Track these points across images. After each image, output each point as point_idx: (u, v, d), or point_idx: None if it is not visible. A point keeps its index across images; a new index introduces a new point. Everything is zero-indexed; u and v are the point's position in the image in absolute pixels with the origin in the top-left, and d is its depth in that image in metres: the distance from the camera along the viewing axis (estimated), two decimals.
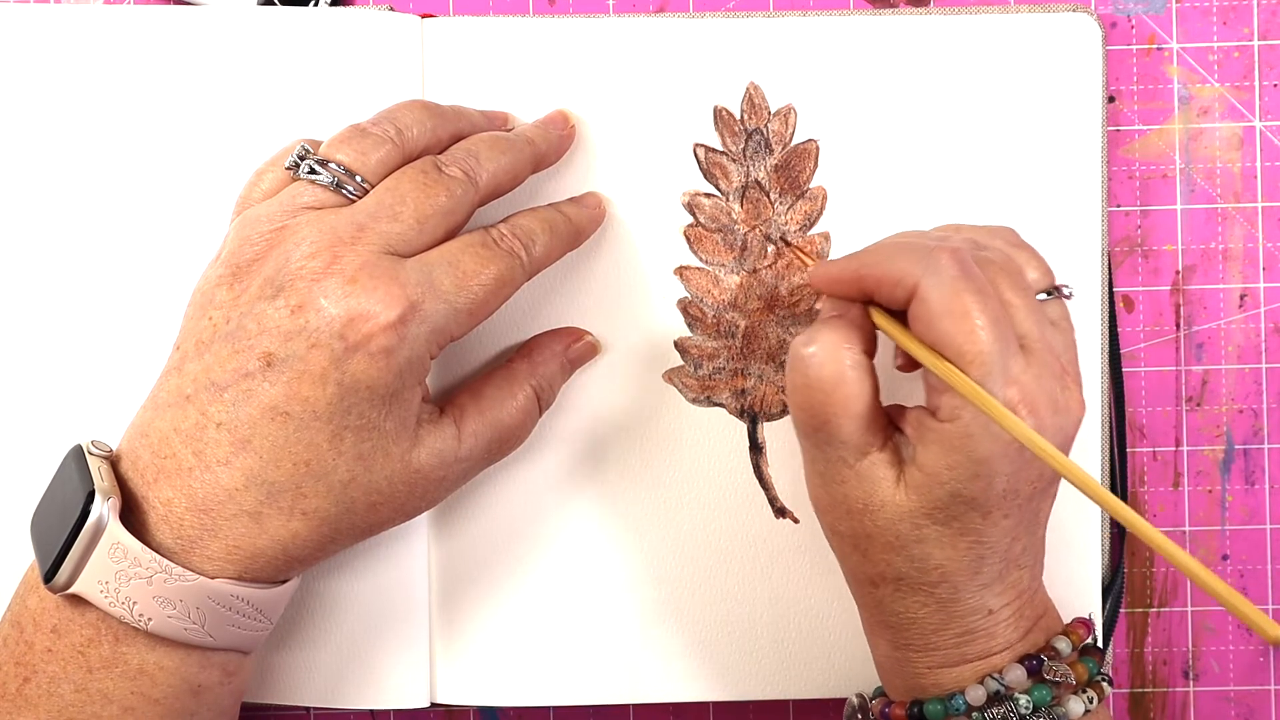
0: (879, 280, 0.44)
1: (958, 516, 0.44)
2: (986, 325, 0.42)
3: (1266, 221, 0.55)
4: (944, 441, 0.43)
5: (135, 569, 0.43)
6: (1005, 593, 0.45)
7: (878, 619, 0.47)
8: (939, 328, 0.42)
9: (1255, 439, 0.55)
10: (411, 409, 0.45)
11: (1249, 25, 0.55)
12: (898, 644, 0.46)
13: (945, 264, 0.43)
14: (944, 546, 0.44)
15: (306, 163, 0.46)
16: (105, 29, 0.53)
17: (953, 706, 0.45)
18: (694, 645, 0.54)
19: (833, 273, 0.46)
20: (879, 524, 0.45)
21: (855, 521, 0.45)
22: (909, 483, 0.44)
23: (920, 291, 0.43)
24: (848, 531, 0.46)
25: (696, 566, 0.54)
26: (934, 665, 0.46)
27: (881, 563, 0.45)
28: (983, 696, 0.45)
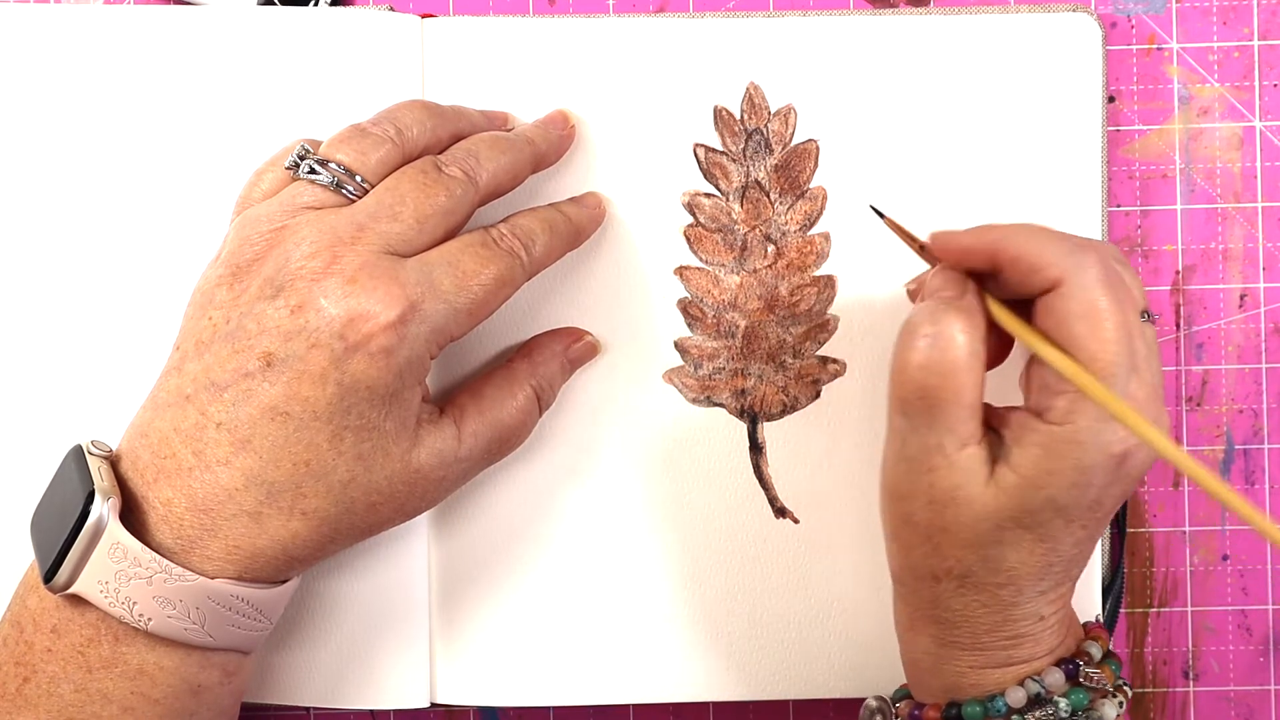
0: (1016, 260, 0.43)
1: (1044, 523, 0.43)
2: (1121, 338, 0.42)
3: (1266, 221, 0.55)
4: (1049, 446, 0.42)
5: (135, 569, 0.43)
6: (1056, 601, 0.45)
7: (928, 614, 0.46)
8: (1074, 328, 0.42)
9: (1255, 439, 0.55)
10: (411, 409, 0.45)
11: (1249, 25, 0.55)
12: (944, 641, 0.46)
13: (1093, 264, 0.42)
14: (1020, 550, 0.44)
15: (306, 162, 0.46)
16: (105, 29, 0.53)
17: (993, 709, 0.44)
18: (694, 645, 0.54)
19: (963, 242, 0.45)
20: (961, 519, 0.43)
21: (935, 513, 0.44)
22: (1000, 484, 0.43)
23: (1064, 286, 0.42)
24: (923, 522, 0.44)
25: (696, 566, 0.54)
26: (978, 666, 0.45)
27: (952, 558, 0.44)
28: (1023, 699, 0.44)
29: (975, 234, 0.45)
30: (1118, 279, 0.43)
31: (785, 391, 0.54)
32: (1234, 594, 0.56)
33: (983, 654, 0.45)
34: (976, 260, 0.45)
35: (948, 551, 0.44)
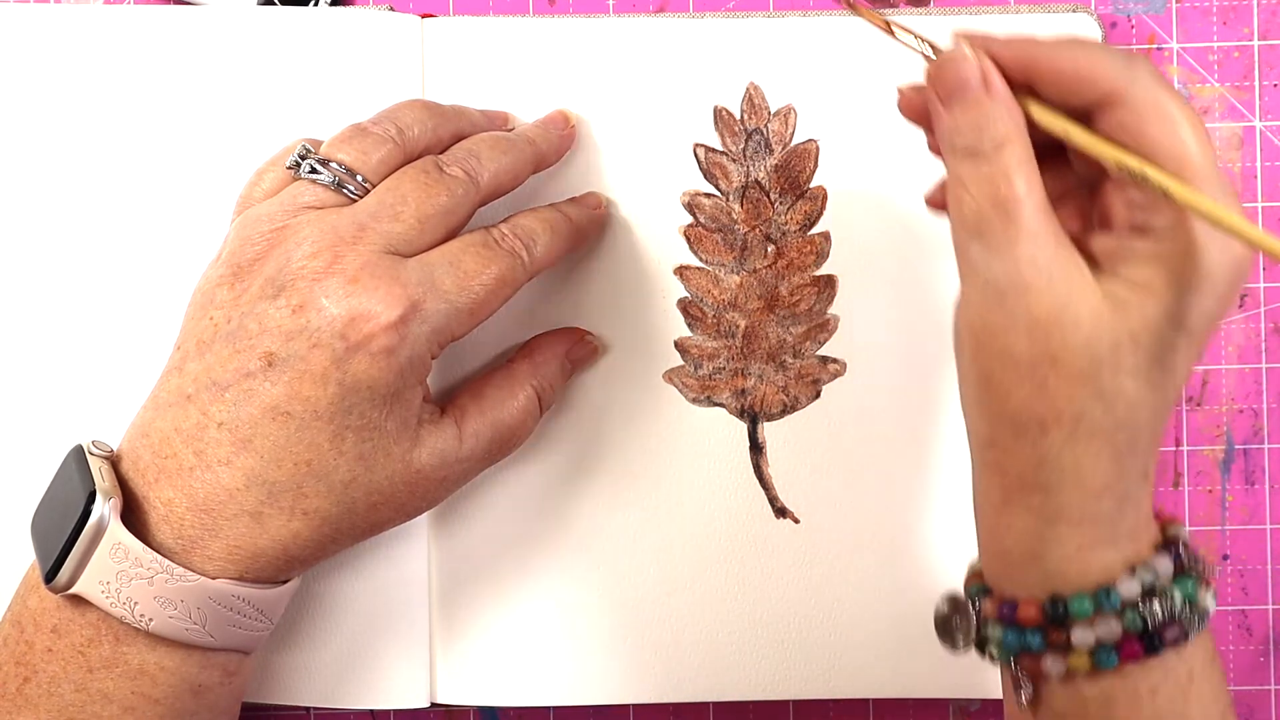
0: (1060, 71, 0.39)
1: (1161, 341, 0.38)
2: (1202, 135, 0.38)
3: (1266, 221, 0.55)
4: (1162, 257, 0.38)
5: (136, 569, 0.43)
6: (1152, 460, 0.40)
7: (1030, 480, 0.40)
8: (1149, 133, 0.38)
9: (1255, 439, 0.55)
10: (412, 409, 0.45)
11: (1249, 25, 0.55)
12: (1047, 514, 0.40)
13: (1148, 69, 0.38)
14: (1139, 379, 0.38)
15: (307, 162, 0.46)
16: (105, 29, 0.53)
17: (1107, 603, 0.39)
18: (694, 645, 0.54)
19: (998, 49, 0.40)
20: (1071, 344, 0.38)
21: (1040, 339, 0.38)
22: (1116, 299, 0.38)
23: (1126, 95, 0.38)
24: (1026, 354, 0.38)
25: (696, 566, 0.54)
26: (1084, 545, 0.39)
27: (1063, 398, 0.38)
28: (1137, 591, 0.39)
29: (1007, 44, 0.40)
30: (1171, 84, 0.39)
31: (785, 391, 0.54)
32: (1234, 594, 0.56)
33: (1091, 528, 0.39)
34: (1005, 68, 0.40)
35: (1058, 389, 0.38)
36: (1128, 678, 0.40)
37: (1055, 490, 0.39)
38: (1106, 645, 0.39)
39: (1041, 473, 0.39)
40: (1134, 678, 0.40)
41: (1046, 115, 0.40)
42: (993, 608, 0.41)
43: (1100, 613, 0.39)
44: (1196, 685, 0.40)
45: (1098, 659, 0.39)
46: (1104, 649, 0.39)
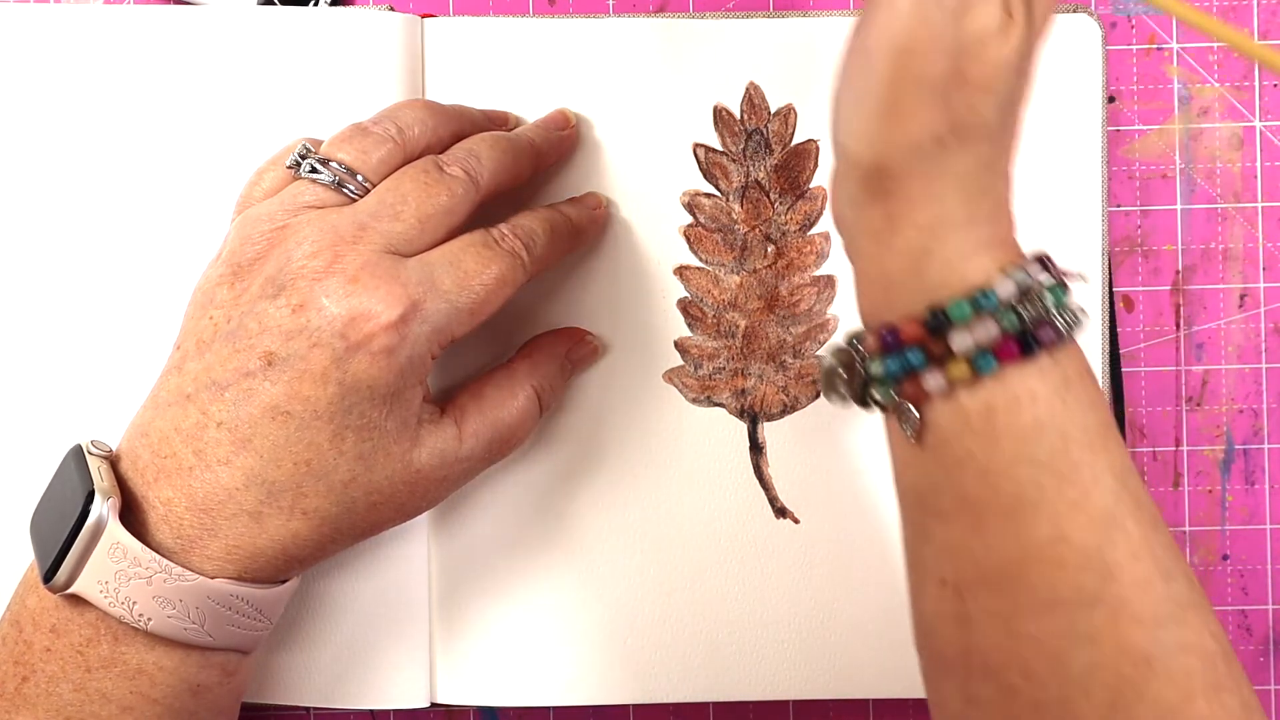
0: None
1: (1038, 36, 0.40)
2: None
3: (1266, 221, 0.55)
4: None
5: (135, 569, 0.43)
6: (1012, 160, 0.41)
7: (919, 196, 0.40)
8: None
9: (1255, 439, 0.55)
10: (412, 409, 0.45)
11: (1249, 25, 0.55)
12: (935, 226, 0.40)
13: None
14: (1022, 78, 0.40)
15: (308, 161, 0.46)
16: (105, 29, 0.53)
17: (982, 304, 0.39)
18: (694, 645, 0.54)
19: None
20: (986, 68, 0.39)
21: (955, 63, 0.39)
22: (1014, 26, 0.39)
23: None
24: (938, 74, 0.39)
25: (696, 566, 0.54)
26: (966, 251, 0.40)
27: (963, 106, 0.39)
28: (1013, 290, 0.39)
29: None
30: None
31: (785, 391, 0.54)
32: (1234, 594, 0.56)
33: (973, 231, 0.40)
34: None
35: (959, 101, 0.39)
36: (1006, 383, 0.39)
37: (944, 200, 0.40)
38: (985, 349, 0.39)
39: (934, 185, 0.40)
40: (1012, 383, 0.39)
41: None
42: (875, 341, 0.41)
43: (978, 315, 0.39)
44: (1074, 390, 0.40)
45: (977, 364, 0.39)
46: (982, 354, 0.39)
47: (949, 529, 0.40)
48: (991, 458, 0.39)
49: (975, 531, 0.40)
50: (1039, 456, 0.39)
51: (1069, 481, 0.39)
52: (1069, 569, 0.39)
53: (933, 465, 0.41)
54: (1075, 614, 0.39)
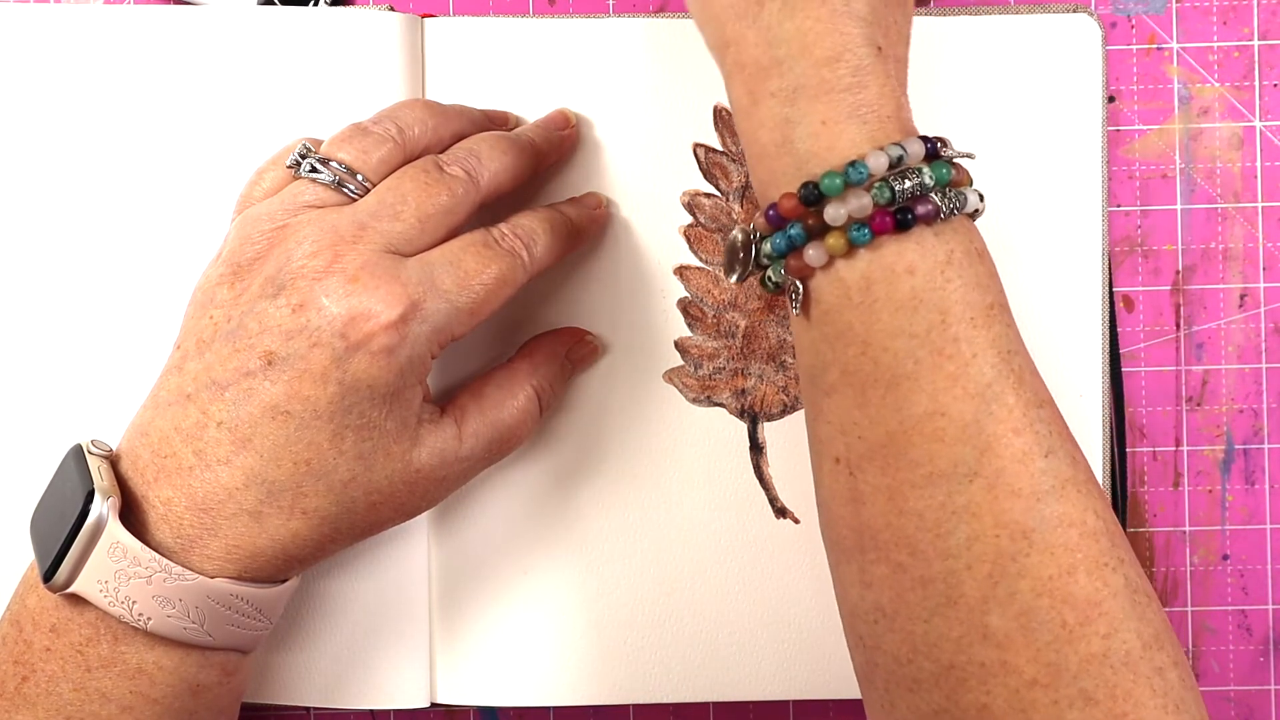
0: None
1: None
2: None
3: (1266, 221, 0.55)
4: None
5: (135, 568, 0.43)
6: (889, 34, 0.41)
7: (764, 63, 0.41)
8: None
9: (1255, 439, 0.55)
10: (412, 408, 0.45)
11: (1249, 25, 0.55)
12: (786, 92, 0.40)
13: None
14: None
15: (308, 161, 0.46)
16: (105, 29, 0.53)
17: (853, 175, 0.39)
18: (694, 645, 0.54)
19: None
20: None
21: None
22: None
23: None
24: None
25: (696, 567, 0.54)
26: (829, 119, 0.40)
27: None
28: (885, 164, 0.39)
29: None
30: None
31: (785, 391, 0.54)
32: (1234, 594, 0.56)
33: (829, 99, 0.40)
34: None
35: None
36: (882, 256, 0.40)
37: (787, 65, 0.40)
38: (859, 221, 0.40)
39: (772, 50, 0.41)
40: (888, 256, 0.40)
41: None
42: (763, 220, 0.42)
43: (850, 187, 0.39)
44: (957, 268, 0.40)
45: (852, 235, 0.40)
46: (856, 226, 0.40)
47: (837, 404, 0.41)
48: (870, 330, 0.40)
49: (859, 405, 0.40)
50: (916, 329, 0.39)
51: (946, 355, 0.39)
52: (946, 442, 0.39)
53: (819, 340, 0.41)
54: (953, 487, 0.39)
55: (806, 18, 0.40)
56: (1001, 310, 0.41)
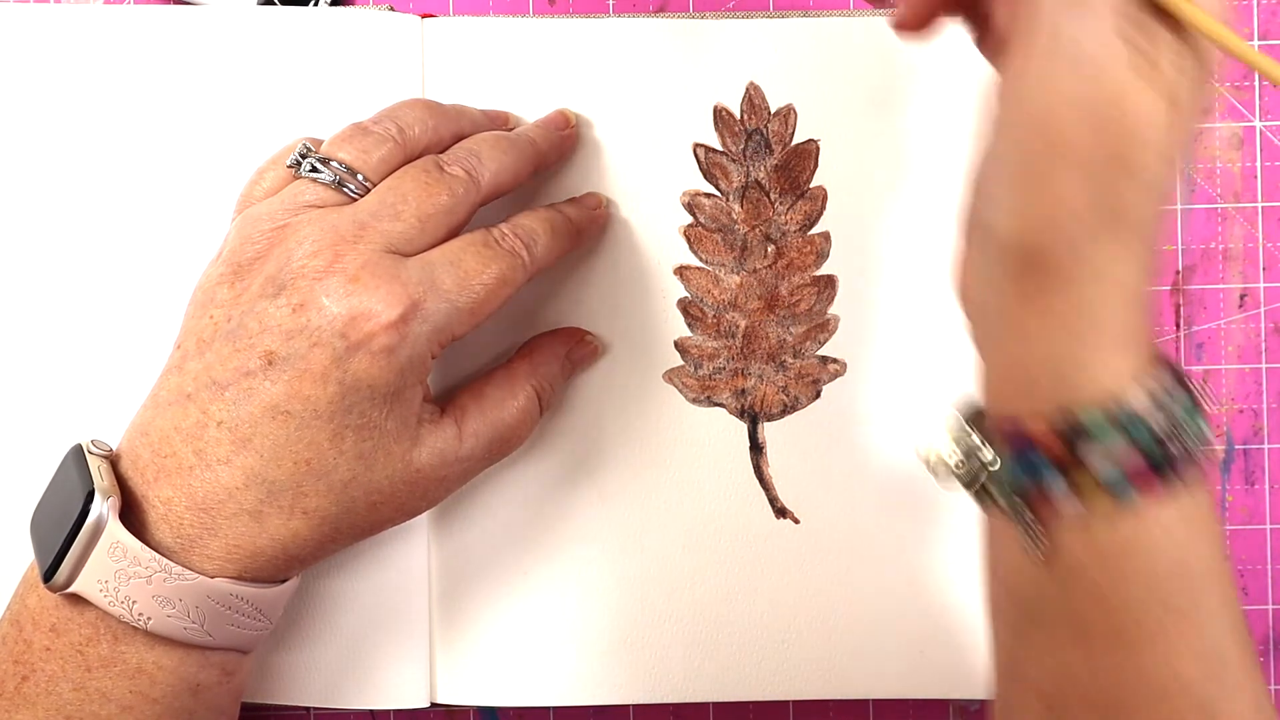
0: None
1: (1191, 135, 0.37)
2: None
3: (1266, 221, 0.55)
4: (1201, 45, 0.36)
5: (135, 568, 0.43)
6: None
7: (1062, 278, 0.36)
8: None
9: (1255, 439, 0.55)
10: (413, 408, 0.45)
11: (1249, 25, 0.55)
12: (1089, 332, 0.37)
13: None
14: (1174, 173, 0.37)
15: (308, 161, 0.46)
16: (105, 29, 0.53)
17: (1121, 417, 0.36)
18: (694, 645, 0.54)
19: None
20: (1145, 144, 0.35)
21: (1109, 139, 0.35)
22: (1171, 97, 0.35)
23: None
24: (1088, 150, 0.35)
25: (696, 566, 0.54)
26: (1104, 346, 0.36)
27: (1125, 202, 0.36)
28: (1147, 401, 0.36)
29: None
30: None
31: (785, 391, 0.54)
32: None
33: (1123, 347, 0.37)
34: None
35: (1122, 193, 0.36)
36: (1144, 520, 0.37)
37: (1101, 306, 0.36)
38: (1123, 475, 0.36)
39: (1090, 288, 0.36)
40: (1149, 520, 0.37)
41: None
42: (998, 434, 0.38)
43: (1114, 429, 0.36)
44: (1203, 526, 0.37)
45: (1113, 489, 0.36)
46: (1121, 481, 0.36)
47: (1053, 642, 0.38)
48: (1116, 592, 0.37)
49: (1083, 653, 0.38)
50: (1168, 597, 0.37)
51: (1188, 619, 0.37)
52: (1175, 705, 0.37)
53: (1047, 581, 0.38)
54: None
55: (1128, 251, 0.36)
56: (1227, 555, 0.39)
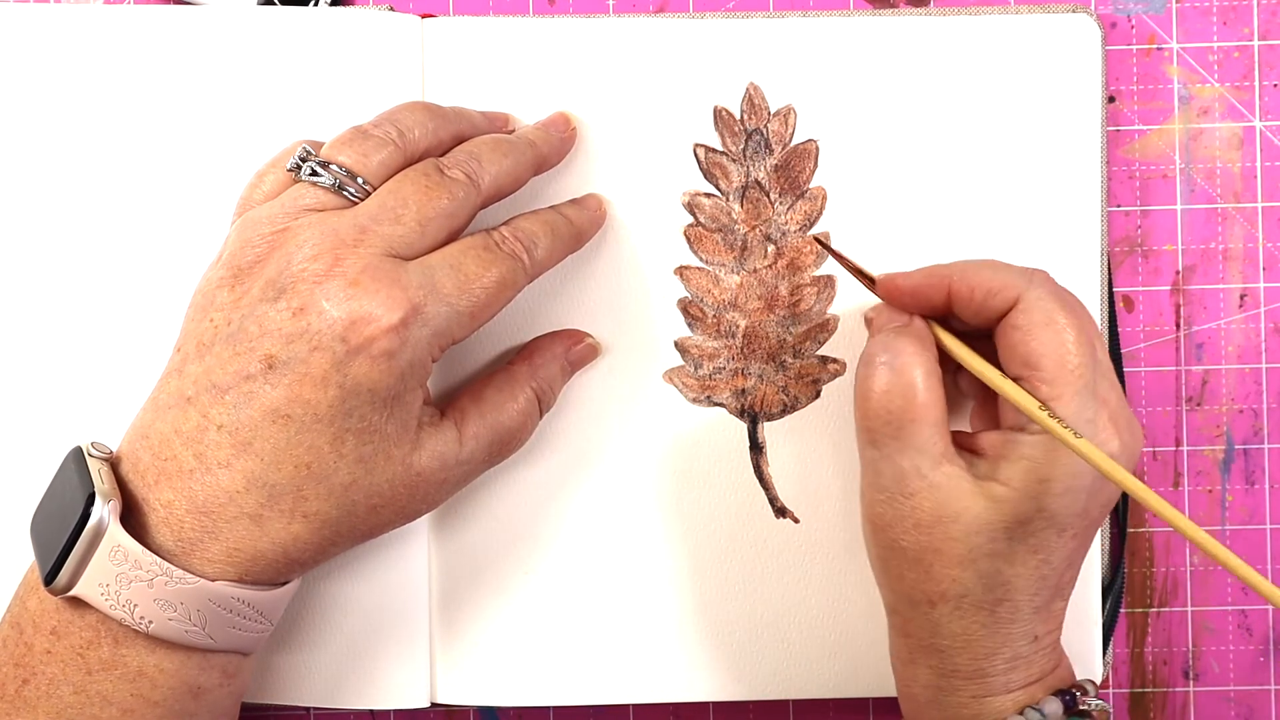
0: (973, 289, 0.45)
1: (1036, 533, 0.44)
2: (1084, 342, 0.44)
3: (1266, 221, 0.55)
4: (1038, 457, 0.44)
5: (136, 571, 0.43)
6: (1049, 620, 0.46)
7: (927, 643, 0.46)
8: (1041, 336, 0.44)
9: (1255, 439, 0.55)
10: (413, 411, 0.45)
11: (1249, 25, 0.55)
12: (944, 671, 0.46)
13: (1044, 281, 0.45)
14: (1014, 563, 0.44)
15: (308, 164, 0.46)
16: (105, 29, 0.53)
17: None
18: (694, 645, 0.54)
19: (914, 282, 0.47)
20: (952, 535, 0.44)
21: (924, 535, 0.45)
22: (989, 495, 0.44)
23: (1023, 302, 0.44)
24: (912, 546, 0.45)
25: (697, 566, 0.54)
26: (979, 694, 0.45)
27: (946, 579, 0.45)
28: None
29: (927, 273, 0.47)
30: (1067, 292, 0.45)
31: (785, 391, 0.54)
32: (1234, 594, 0.56)
33: (983, 681, 0.45)
34: (930, 296, 0.46)
35: (941, 572, 0.45)
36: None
37: (949, 654, 0.46)
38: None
39: (935, 639, 0.46)
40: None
41: (949, 341, 0.46)
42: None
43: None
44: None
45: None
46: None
47: None
48: None
49: None
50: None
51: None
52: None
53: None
54: None
55: (973, 623, 0.45)
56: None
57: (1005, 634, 0.45)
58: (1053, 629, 0.46)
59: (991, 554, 0.44)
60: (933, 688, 0.46)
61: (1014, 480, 0.44)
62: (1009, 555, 0.44)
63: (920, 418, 0.45)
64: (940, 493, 0.44)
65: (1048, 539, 0.44)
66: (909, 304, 0.47)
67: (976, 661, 0.45)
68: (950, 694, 0.46)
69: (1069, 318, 0.44)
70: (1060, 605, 0.46)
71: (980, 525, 0.44)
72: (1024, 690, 0.45)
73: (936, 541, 0.44)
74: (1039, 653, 0.46)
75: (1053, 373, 0.43)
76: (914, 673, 0.47)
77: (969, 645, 0.45)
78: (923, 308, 0.47)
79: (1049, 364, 0.43)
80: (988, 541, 0.44)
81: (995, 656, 0.45)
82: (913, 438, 0.45)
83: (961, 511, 0.44)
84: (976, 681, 0.45)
